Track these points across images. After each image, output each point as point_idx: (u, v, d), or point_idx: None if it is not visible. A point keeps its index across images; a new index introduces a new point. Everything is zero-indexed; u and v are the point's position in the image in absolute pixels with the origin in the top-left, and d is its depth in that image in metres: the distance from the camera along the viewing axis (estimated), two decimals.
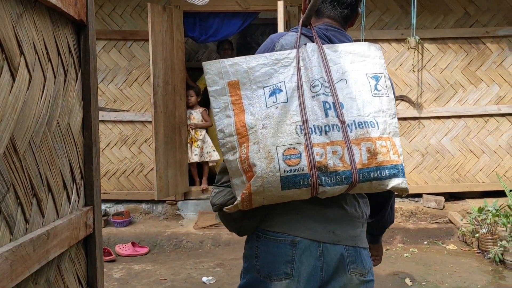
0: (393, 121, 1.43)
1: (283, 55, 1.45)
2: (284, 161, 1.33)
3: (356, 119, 1.38)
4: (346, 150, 1.35)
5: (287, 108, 1.38)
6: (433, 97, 5.59)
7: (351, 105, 1.40)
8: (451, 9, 5.51)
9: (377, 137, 1.38)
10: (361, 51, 1.47)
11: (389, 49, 5.54)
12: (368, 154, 1.36)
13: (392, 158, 1.38)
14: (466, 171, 5.69)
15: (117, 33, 5.44)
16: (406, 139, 5.63)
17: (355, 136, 1.37)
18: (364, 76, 1.44)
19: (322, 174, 1.33)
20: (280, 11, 4.81)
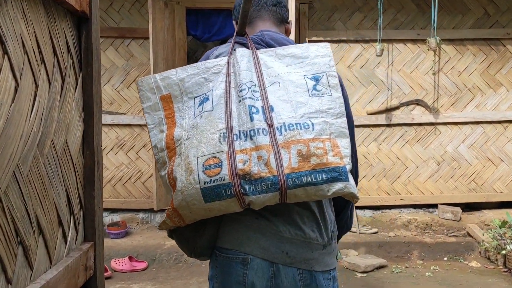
0: (337, 121, 1.32)
1: (213, 63, 1.41)
2: (204, 172, 1.26)
3: (286, 121, 1.29)
4: (273, 154, 1.25)
5: (212, 116, 1.32)
6: (450, 102, 5.28)
7: (282, 108, 1.31)
8: (470, 8, 5.20)
9: (311, 138, 1.27)
10: (299, 53, 1.40)
11: (404, 50, 5.21)
12: (299, 157, 1.25)
13: (331, 160, 1.25)
14: (483, 180, 5.38)
15: (114, 30, 5.07)
16: (421, 146, 5.31)
17: (284, 139, 1.27)
18: (301, 77, 1.36)
19: (245, 182, 1.24)
20: (291, 8, 4.46)
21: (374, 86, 5.23)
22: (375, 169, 5.33)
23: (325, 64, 1.37)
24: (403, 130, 5.29)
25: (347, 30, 5.16)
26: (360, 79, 5.23)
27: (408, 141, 5.31)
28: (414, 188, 5.37)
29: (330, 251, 1.49)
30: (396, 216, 5.27)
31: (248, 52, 1.41)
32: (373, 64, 5.21)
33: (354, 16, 5.18)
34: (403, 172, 5.35)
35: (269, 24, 1.58)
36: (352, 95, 5.22)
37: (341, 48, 5.19)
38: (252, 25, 1.58)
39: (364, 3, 5.16)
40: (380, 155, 5.32)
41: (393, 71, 5.22)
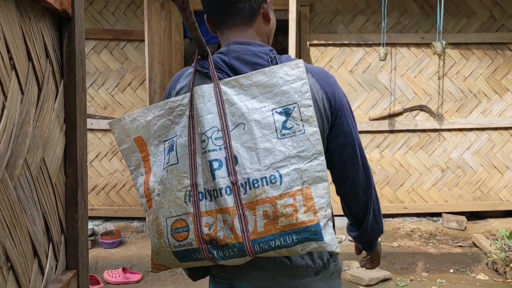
0: (311, 165, 1.12)
1: (176, 102, 1.24)
2: (173, 236, 1.18)
3: (251, 176, 1.12)
4: (237, 217, 1.12)
5: (177, 170, 1.19)
6: (455, 108, 5.12)
7: (247, 158, 1.13)
8: (475, 12, 5.05)
9: (278, 195, 1.10)
10: (265, 81, 1.15)
11: (408, 54, 5.06)
12: (266, 220, 1.11)
13: (302, 219, 1.10)
14: (489, 188, 5.23)
15: (108, 32, 4.89)
16: (425, 153, 5.16)
17: (249, 198, 1.11)
18: (269, 113, 1.14)
19: (213, 248, 1.15)
20: (292, 10, 4.31)
21: (376, 91, 5.08)
22: (377, 176, 5.17)
23: (297, 91, 1.14)
24: (407, 137, 5.14)
25: (349, 33, 5.00)
26: (363, 84, 5.07)
27: (411, 147, 5.15)
28: (417, 196, 5.21)
29: (327, 275, 1.36)
30: (399, 225, 5.11)
31: (208, 88, 1.19)
32: (376, 69, 5.05)
33: (356, 19, 5.02)
34: (406, 180, 5.19)
35: (236, 30, 1.28)
36: (354, 100, 5.06)
37: (343, 52, 5.03)
38: (220, 33, 1.33)
39: (367, 6, 5.01)
40: (382, 162, 5.16)
41: (396, 75, 5.07)
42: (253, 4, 1.26)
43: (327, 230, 1.11)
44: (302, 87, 1.14)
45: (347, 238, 4.79)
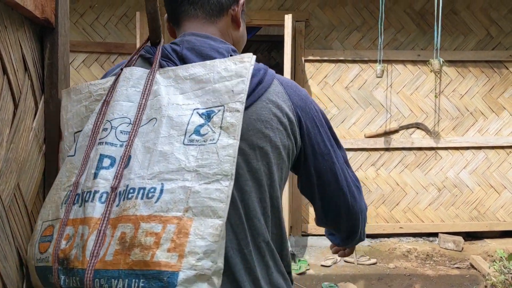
0: (206, 188, 0.82)
1: (97, 85, 1.03)
2: (39, 244, 0.92)
3: (131, 183, 0.85)
4: (95, 234, 0.83)
5: (71, 164, 0.96)
6: (451, 126, 5.06)
7: (139, 160, 0.87)
8: (472, 29, 5.01)
9: (147, 215, 0.81)
10: (201, 74, 0.94)
11: (404, 71, 4.99)
12: (119, 246, 0.80)
13: (158, 259, 0.77)
14: (486, 208, 5.14)
15: (100, 45, 4.78)
16: (421, 171, 5.07)
17: (118, 212, 0.84)
18: (188, 112, 0.90)
19: (62, 271, 0.85)
20: (288, 25, 4.23)
21: (372, 108, 5.00)
22: (373, 195, 5.06)
23: (228, 90, 0.91)
24: (403, 155, 5.05)
25: (345, 49, 4.93)
26: (358, 101, 4.99)
27: (407, 166, 5.06)
28: (413, 216, 5.11)
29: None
30: (395, 245, 4.99)
31: (141, 72, 1.00)
32: (372, 86, 4.98)
33: (352, 36, 4.96)
34: (402, 199, 5.09)
35: (198, 24, 1.09)
36: (349, 117, 4.97)
37: (339, 68, 4.95)
38: (179, 27, 1.12)
39: (363, 22, 4.95)
40: (378, 180, 5.06)
41: (392, 93, 5.00)
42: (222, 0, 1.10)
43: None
44: (236, 86, 0.91)
45: (342, 259, 4.66)
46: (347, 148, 4.98)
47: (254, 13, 4.81)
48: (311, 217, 5.06)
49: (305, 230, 5.05)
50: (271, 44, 7.56)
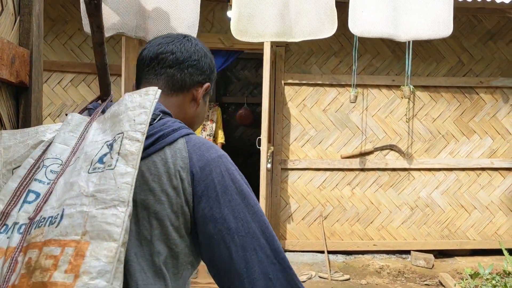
0: (103, 214, 0.87)
1: (46, 126, 1.13)
2: None
3: (44, 213, 0.93)
4: (8, 262, 0.91)
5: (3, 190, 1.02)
6: (424, 148, 5.28)
7: (56, 194, 0.95)
8: (444, 56, 5.26)
9: (48, 240, 0.88)
10: (115, 110, 1.02)
11: (379, 95, 5.22)
12: (25, 270, 0.88)
13: (56, 279, 0.83)
14: (456, 227, 5.36)
15: (87, 66, 4.98)
16: (395, 191, 5.28)
17: (29, 239, 0.92)
18: (99, 146, 0.98)
19: None
20: (266, 52, 4.45)
21: (348, 130, 5.22)
22: (348, 213, 5.27)
23: (130, 119, 0.96)
24: (377, 175, 5.27)
25: (323, 74, 5.16)
26: (335, 123, 5.21)
27: (381, 186, 5.27)
28: (387, 234, 5.31)
29: None
30: (369, 262, 5.19)
31: (82, 120, 1.08)
32: (348, 109, 5.20)
33: (330, 61, 5.19)
34: (376, 217, 5.30)
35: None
36: (326, 139, 5.19)
37: (317, 92, 5.18)
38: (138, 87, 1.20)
39: (340, 48, 5.18)
40: (353, 199, 5.27)
41: (368, 115, 5.22)
42: (186, 78, 1.17)
43: None
44: (138, 116, 0.95)
45: (317, 275, 4.85)
46: (324, 168, 5.19)
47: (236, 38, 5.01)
48: (289, 234, 5.25)
49: (283, 246, 5.23)
50: (258, 62, 7.78)
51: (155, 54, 1.16)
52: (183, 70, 1.16)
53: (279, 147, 5.17)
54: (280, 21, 2.47)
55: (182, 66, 1.16)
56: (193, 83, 1.18)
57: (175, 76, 1.15)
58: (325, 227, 5.24)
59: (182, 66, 1.16)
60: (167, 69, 1.15)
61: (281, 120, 5.17)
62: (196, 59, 1.18)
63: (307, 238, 5.25)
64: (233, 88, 7.84)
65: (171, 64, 1.15)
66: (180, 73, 1.16)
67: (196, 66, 1.17)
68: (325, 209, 5.25)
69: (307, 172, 5.21)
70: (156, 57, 1.16)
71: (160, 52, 1.16)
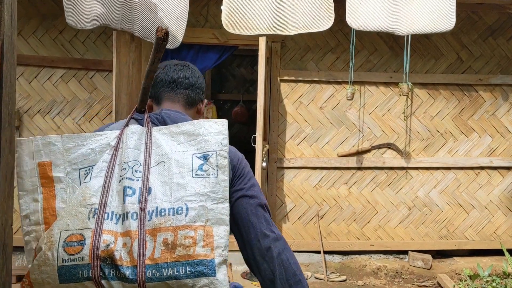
0: (217, 207, 1.25)
1: (103, 135, 1.37)
2: (64, 249, 1.18)
3: (160, 205, 1.23)
4: (137, 241, 1.18)
5: (87, 188, 1.26)
6: (422, 146, 5.19)
7: (160, 190, 1.26)
8: (443, 53, 5.16)
9: (182, 225, 1.20)
10: (191, 130, 1.34)
11: (376, 92, 5.12)
12: (164, 247, 1.18)
13: (198, 252, 1.19)
14: (455, 227, 5.26)
15: (78, 61, 4.86)
16: (392, 190, 5.19)
17: (153, 225, 1.20)
18: (189, 156, 1.30)
19: (105, 266, 1.18)
20: (262, 47, 4.34)
21: (345, 128, 5.12)
22: (345, 212, 5.17)
23: (217, 142, 1.32)
24: (374, 174, 5.17)
25: (320, 70, 5.06)
26: (332, 121, 5.10)
27: (379, 185, 5.18)
28: (384, 234, 5.22)
29: None
30: (365, 262, 5.09)
31: (141, 129, 1.37)
32: (345, 106, 5.10)
33: (326, 57, 5.08)
34: (373, 217, 5.20)
35: (177, 106, 1.57)
36: (323, 137, 5.09)
37: (313, 89, 5.07)
38: (160, 105, 1.57)
39: (337, 44, 5.07)
40: (350, 198, 5.17)
41: (365, 113, 5.12)
42: (195, 96, 1.60)
43: (221, 269, 1.20)
44: (222, 140, 1.31)
45: (313, 276, 4.76)
46: (321, 167, 5.09)
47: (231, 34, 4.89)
48: (284, 233, 5.15)
49: None
50: (253, 58, 7.67)
51: (173, 78, 1.56)
52: (194, 91, 1.59)
53: (275, 145, 5.06)
54: (274, 14, 2.37)
55: (193, 88, 1.58)
56: (199, 100, 1.62)
57: (189, 95, 1.58)
58: (322, 226, 5.14)
59: (193, 88, 1.58)
60: (183, 90, 1.56)
61: (277, 118, 5.06)
62: (200, 82, 1.62)
63: (303, 238, 5.15)
64: (229, 85, 7.73)
65: (186, 86, 1.57)
66: (192, 93, 1.58)
67: (200, 88, 1.62)
68: (321, 208, 5.15)
69: (303, 171, 5.11)
70: (174, 81, 1.56)
71: (178, 77, 1.56)
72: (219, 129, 1.33)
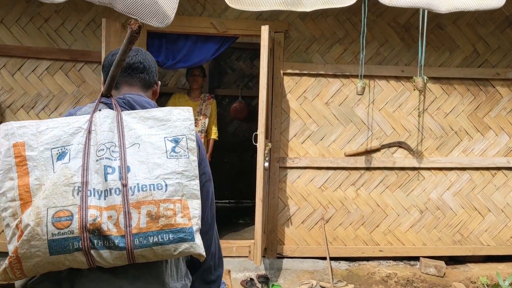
0: (190, 183, 1.41)
1: (74, 119, 1.44)
2: (53, 224, 1.29)
3: (140, 182, 1.36)
4: (122, 214, 1.31)
5: (67, 168, 1.35)
6: (435, 145, 4.84)
7: (138, 169, 1.38)
8: (458, 45, 4.80)
9: (162, 199, 1.36)
10: (161, 116, 1.47)
11: (387, 87, 4.76)
12: (148, 218, 1.33)
13: (179, 221, 1.35)
14: (469, 231, 4.92)
15: (65, 52, 4.48)
16: (403, 192, 4.84)
17: (136, 199, 1.34)
18: (161, 139, 1.43)
19: (94, 237, 1.30)
20: (264, 37, 3.97)
21: (353, 125, 4.76)
22: (352, 216, 4.82)
23: (186, 127, 1.45)
24: (384, 174, 4.82)
25: (326, 63, 4.69)
26: (339, 117, 4.75)
27: (389, 186, 4.83)
28: (394, 239, 4.87)
29: None
30: (374, 270, 4.75)
31: (113, 113, 1.46)
32: (353, 102, 4.74)
33: (333, 49, 4.72)
34: (383, 221, 4.86)
35: (135, 89, 1.65)
36: (329, 135, 4.74)
37: (319, 83, 4.71)
38: (119, 89, 1.64)
39: (345, 35, 4.71)
40: (358, 200, 4.82)
41: (374, 109, 4.76)
42: (151, 79, 1.70)
43: (197, 235, 1.38)
44: (190, 125, 1.46)
45: (318, 284, 4.42)
46: (327, 167, 4.74)
47: (230, 23, 4.55)
48: (287, 239, 4.80)
49: (281, 252, 4.79)
50: (253, 52, 7.30)
51: (129, 64, 1.62)
52: (149, 74, 1.68)
53: (277, 143, 4.70)
54: None
55: (148, 71, 1.67)
56: (154, 82, 1.72)
57: (145, 79, 1.67)
58: (327, 231, 4.80)
59: (148, 71, 1.68)
60: (139, 74, 1.66)
61: (280, 114, 4.70)
62: (154, 66, 1.71)
63: (308, 243, 4.81)
64: (227, 79, 7.34)
65: (141, 70, 1.66)
66: (147, 76, 1.67)
67: (154, 71, 1.71)
68: (327, 211, 4.80)
69: (307, 171, 4.76)
70: (130, 66, 1.63)
71: (133, 62, 1.64)
72: (187, 116, 1.47)
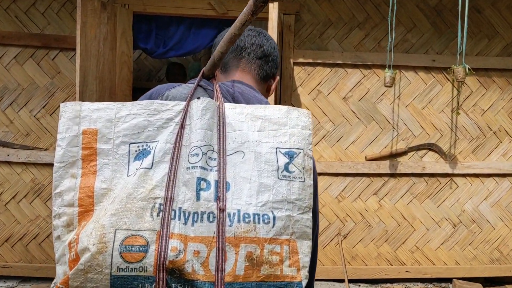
0: (302, 217, 1.02)
1: (165, 105, 1.07)
2: (121, 254, 0.92)
3: (242, 208, 0.99)
4: (215, 251, 0.94)
5: (148, 176, 0.99)
6: (471, 148, 4.20)
7: (241, 188, 1.00)
8: (498, 32, 4.16)
9: (268, 238, 0.98)
10: (276, 117, 1.08)
11: (415, 79, 4.12)
12: (248, 263, 0.96)
13: (286, 273, 0.98)
14: (509, 248, 4.29)
15: (36, 38, 3.84)
16: (433, 203, 4.19)
17: (235, 232, 0.96)
18: (273, 150, 1.05)
19: (172, 280, 0.93)
20: (273, 17, 3.30)
21: (376, 124, 4.12)
22: (374, 231, 4.16)
23: (304, 139, 1.08)
24: (411, 182, 4.18)
25: (344, 51, 4.04)
26: (358, 115, 4.10)
27: (417, 196, 4.20)
28: (423, 257, 4.23)
29: None
30: None
31: (214, 104, 1.08)
32: (376, 96, 4.10)
33: (352, 34, 4.07)
34: (409, 236, 4.22)
35: (248, 78, 1.32)
36: (347, 135, 4.10)
37: (336, 74, 4.06)
38: (227, 74, 1.33)
39: (366, 18, 4.05)
40: (381, 213, 4.17)
41: (401, 106, 4.13)
42: (268, 69, 1.35)
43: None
44: (309, 137, 1.09)
45: None
46: (344, 173, 4.09)
47: (231, 3, 3.89)
48: None
49: None
50: None
51: (245, 44, 1.32)
52: (268, 63, 1.35)
53: None
54: None
55: (267, 59, 1.35)
56: (270, 75, 1.38)
57: (262, 67, 1.34)
58: (345, 248, 4.14)
59: (267, 59, 1.35)
60: (257, 59, 1.33)
61: None
62: (276, 54, 1.38)
63: (322, 263, 4.17)
64: None
65: (259, 56, 1.33)
66: (265, 65, 1.35)
67: (275, 61, 1.38)
68: (344, 225, 4.15)
69: (322, 178, 4.12)
70: (247, 48, 1.32)
71: (252, 43, 1.33)
72: (307, 123, 1.10)
